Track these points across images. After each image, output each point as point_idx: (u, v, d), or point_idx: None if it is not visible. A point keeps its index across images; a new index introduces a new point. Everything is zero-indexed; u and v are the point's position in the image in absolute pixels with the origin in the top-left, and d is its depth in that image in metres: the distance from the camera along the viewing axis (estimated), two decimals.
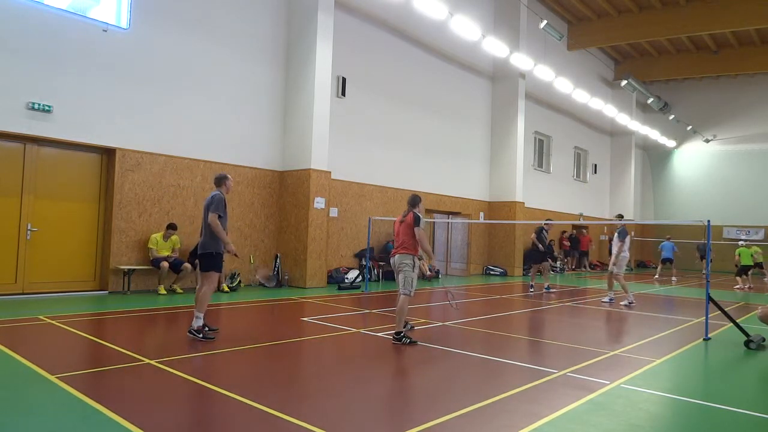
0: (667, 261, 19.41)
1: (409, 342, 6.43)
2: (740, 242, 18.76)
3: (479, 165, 19.41)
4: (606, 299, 11.72)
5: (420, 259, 6.76)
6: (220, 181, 6.84)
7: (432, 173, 17.03)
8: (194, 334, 6.35)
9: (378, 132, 15.10)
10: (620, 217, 12.77)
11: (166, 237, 10.49)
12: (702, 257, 24.48)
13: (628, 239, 11.54)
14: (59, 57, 9.45)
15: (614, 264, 11.54)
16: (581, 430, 3.77)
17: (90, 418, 3.67)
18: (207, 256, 6.53)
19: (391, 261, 7.02)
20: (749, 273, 17.17)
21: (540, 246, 13.87)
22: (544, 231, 13.99)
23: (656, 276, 20.17)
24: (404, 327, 6.74)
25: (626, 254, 11.60)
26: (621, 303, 11.39)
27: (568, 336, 7.88)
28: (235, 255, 6.86)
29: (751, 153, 28.43)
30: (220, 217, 6.49)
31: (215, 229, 6.42)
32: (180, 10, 11.08)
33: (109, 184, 10.32)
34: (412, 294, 6.69)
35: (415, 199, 7.10)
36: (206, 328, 6.52)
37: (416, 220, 6.84)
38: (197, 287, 6.73)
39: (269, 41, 12.72)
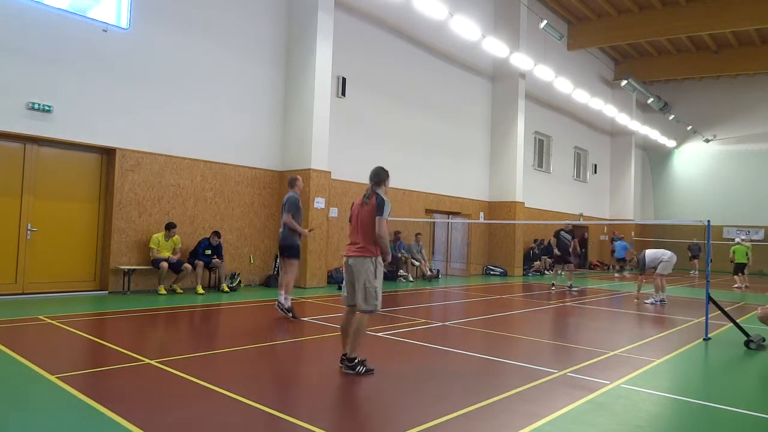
0: (621, 260, 19.52)
1: (366, 371, 4.98)
2: (737, 240, 18.73)
3: (479, 165, 19.41)
4: (655, 300, 11.71)
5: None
6: (292, 183, 8.12)
7: (432, 173, 17.03)
8: (285, 312, 7.68)
9: (378, 132, 15.11)
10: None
11: (167, 237, 10.49)
12: (693, 257, 24.42)
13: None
14: (59, 57, 9.45)
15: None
16: (581, 430, 3.77)
17: (90, 418, 3.67)
18: (288, 248, 7.90)
19: (345, 261, 5.23)
20: (745, 272, 17.17)
21: (555, 249, 14.62)
22: (562, 233, 14.40)
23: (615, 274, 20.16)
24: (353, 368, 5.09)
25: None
26: (645, 301, 11.81)
27: (568, 336, 7.89)
28: (311, 230, 8.73)
29: (751, 153, 28.44)
30: (293, 215, 7.82)
31: (292, 226, 7.84)
32: (180, 10, 11.08)
33: (109, 184, 10.31)
34: (378, 308, 5.10)
35: (379, 174, 5.26)
36: (291, 314, 7.72)
37: (379, 206, 5.04)
38: (281, 273, 8.06)
39: (269, 41, 12.72)
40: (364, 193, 5.23)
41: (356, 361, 5.01)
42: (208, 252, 10.98)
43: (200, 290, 10.65)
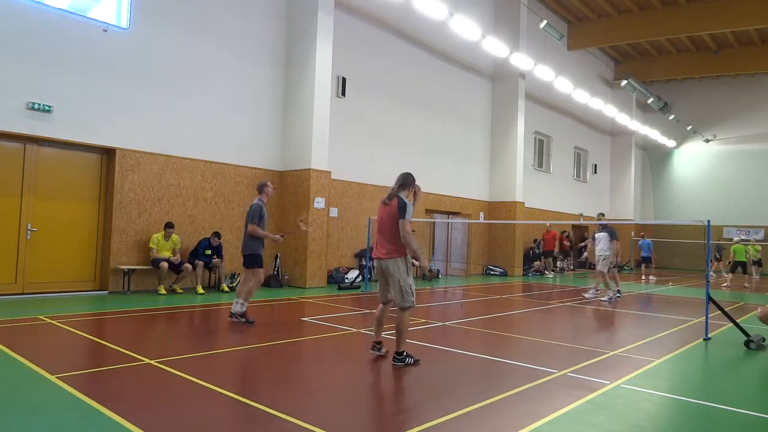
0: (646, 260, 19.26)
1: (414, 362, 5.38)
2: (734, 239, 18.69)
3: (479, 165, 19.41)
4: (605, 298, 11.75)
5: (418, 261, 5.94)
6: (260, 188, 7.73)
7: (432, 173, 17.02)
8: (237, 318, 7.37)
9: (378, 132, 15.10)
10: (602, 215, 12.90)
11: (166, 237, 10.49)
12: (717, 258, 24.18)
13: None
14: (59, 57, 9.45)
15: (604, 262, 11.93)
16: (581, 430, 3.77)
17: (90, 418, 3.67)
18: (248, 257, 7.62)
19: (375, 264, 5.57)
20: (747, 270, 17.22)
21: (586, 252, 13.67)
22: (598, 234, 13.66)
23: (644, 277, 19.79)
24: (380, 350, 5.75)
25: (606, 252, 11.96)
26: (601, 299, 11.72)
27: (568, 336, 7.88)
28: (282, 237, 8.11)
29: (751, 153, 28.44)
30: (258, 224, 7.52)
31: (257, 234, 7.51)
32: (180, 10, 11.08)
33: (109, 184, 10.32)
34: (414, 303, 5.39)
35: (406, 179, 5.47)
36: (244, 319, 7.39)
37: (401, 209, 5.24)
38: (241, 283, 7.77)
39: (269, 41, 12.72)
40: (388, 193, 5.51)
41: (404, 354, 5.36)
42: (208, 252, 10.98)
43: (200, 290, 10.65)
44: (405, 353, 5.37)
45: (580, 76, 23.88)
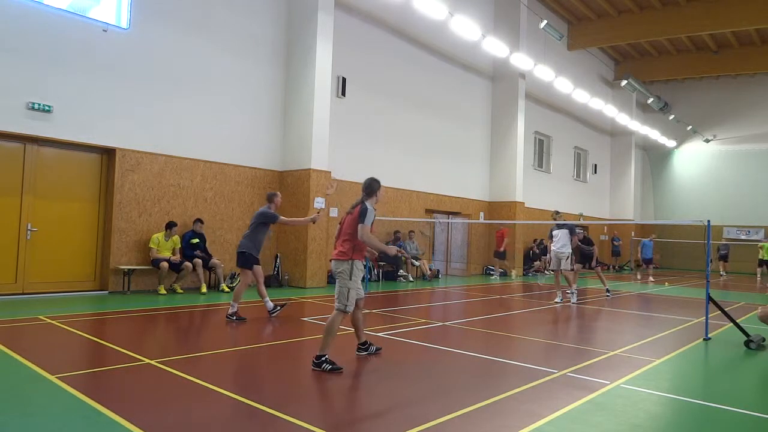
0: (647, 261, 19.26)
1: (331, 369, 5.04)
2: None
3: (479, 165, 19.41)
4: (574, 300, 11.21)
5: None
6: (270, 198, 8.15)
7: (432, 173, 17.03)
8: (228, 318, 7.62)
9: (378, 132, 15.10)
10: (557, 213, 12.16)
11: (167, 237, 10.49)
12: (721, 258, 24.14)
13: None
14: (59, 57, 9.45)
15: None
16: (581, 430, 3.77)
17: (90, 419, 3.67)
18: (238, 255, 7.93)
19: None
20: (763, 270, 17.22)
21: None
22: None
23: (651, 277, 19.77)
24: (367, 350, 5.79)
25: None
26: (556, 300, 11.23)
27: (568, 336, 7.88)
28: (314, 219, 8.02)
29: (751, 153, 28.43)
30: (262, 225, 7.94)
31: (292, 223, 8.56)
32: (180, 10, 11.08)
33: (109, 184, 10.32)
34: (348, 309, 5.29)
35: (371, 186, 5.53)
36: (235, 317, 7.61)
37: (361, 213, 5.28)
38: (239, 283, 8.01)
39: (269, 41, 12.73)
40: (354, 201, 5.57)
41: (323, 358, 5.09)
42: (195, 241, 10.94)
43: (204, 290, 10.67)
44: (324, 358, 5.08)
45: (580, 76, 23.88)
